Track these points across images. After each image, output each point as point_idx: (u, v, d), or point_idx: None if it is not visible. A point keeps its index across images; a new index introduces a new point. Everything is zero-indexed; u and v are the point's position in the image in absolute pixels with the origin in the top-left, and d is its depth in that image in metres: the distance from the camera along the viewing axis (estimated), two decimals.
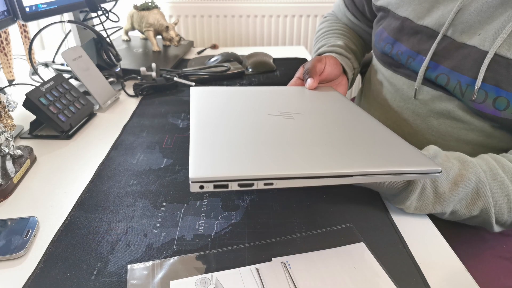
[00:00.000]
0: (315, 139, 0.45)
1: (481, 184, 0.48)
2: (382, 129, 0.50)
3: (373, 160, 0.41)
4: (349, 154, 0.42)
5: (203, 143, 0.43)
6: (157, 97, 0.88)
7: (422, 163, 0.41)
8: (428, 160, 0.42)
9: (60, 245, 0.45)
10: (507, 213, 0.50)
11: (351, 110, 0.57)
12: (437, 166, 0.41)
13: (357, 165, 0.40)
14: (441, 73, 0.59)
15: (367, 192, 0.54)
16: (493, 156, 0.52)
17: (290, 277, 0.40)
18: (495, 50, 0.53)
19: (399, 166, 0.40)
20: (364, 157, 0.42)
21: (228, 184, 0.36)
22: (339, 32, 0.85)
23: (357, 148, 0.44)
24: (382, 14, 0.73)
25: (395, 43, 0.67)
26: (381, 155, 0.43)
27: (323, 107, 0.57)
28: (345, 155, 0.42)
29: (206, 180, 0.36)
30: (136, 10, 1.15)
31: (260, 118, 0.51)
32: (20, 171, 0.57)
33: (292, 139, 0.45)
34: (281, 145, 0.43)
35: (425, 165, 0.41)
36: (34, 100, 0.66)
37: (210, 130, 0.46)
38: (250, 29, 1.85)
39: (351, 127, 0.50)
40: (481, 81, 0.54)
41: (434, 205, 0.49)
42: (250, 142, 0.43)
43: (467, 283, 0.41)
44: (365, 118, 0.54)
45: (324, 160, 0.40)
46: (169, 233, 0.47)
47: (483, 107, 0.55)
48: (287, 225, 0.48)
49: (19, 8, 0.78)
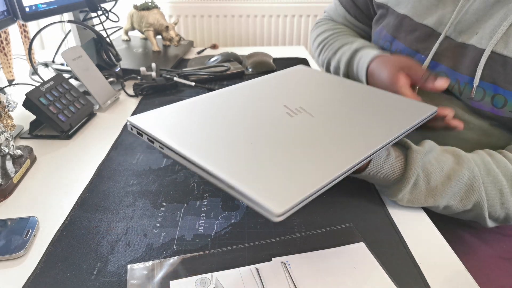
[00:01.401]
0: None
1: (475, 178, 0.48)
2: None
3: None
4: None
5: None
6: (157, 97, 0.88)
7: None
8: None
9: (60, 245, 0.45)
10: (499, 208, 0.50)
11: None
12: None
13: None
14: (440, 71, 0.59)
15: (367, 192, 0.54)
16: (489, 152, 0.53)
17: (290, 277, 0.40)
18: (492, 48, 0.53)
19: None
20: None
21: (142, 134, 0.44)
22: (348, 33, 0.83)
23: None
24: (382, 12, 0.73)
25: (394, 40, 0.67)
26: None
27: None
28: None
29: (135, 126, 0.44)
30: (136, 10, 1.15)
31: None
32: (20, 171, 0.57)
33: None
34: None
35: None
36: (34, 100, 0.66)
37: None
38: (250, 29, 1.85)
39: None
40: (479, 79, 0.54)
41: (426, 198, 0.49)
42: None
43: (467, 283, 0.41)
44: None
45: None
46: (169, 233, 0.47)
47: (481, 105, 0.55)
48: (287, 225, 0.48)
49: (19, 8, 0.78)
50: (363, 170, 0.49)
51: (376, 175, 0.50)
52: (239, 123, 0.46)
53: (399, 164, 0.49)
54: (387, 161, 0.49)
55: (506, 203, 0.50)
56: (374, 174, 0.49)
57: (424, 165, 0.48)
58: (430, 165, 0.48)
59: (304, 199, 0.34)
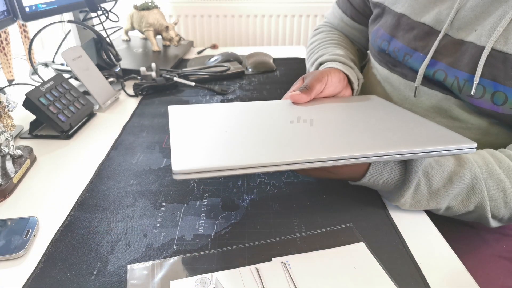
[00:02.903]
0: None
1: (476, 180, 0.48)
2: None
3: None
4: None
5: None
6: (157, 97, 0.88)
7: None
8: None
9: (60, 245, 0.45)
10: (503, 208, 0.50)
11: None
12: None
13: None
14: (439, 69, 0.59)
15: (367, 192, 0.54)
16: (490, 152, 0.53)
17: (290, 277, 0.40)
18: (492, 45, 0.53)
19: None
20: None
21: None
22: (336, 42, 0.81)
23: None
24: (378, 11, 0.73)
25: (391, 40, 0.67)
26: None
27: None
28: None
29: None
30: (136, 10, 1.15)
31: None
32: (20, 171, 0.57)
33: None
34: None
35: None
36: (34, 100, 0.66)
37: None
38: (250, 29, 1.85)
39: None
40: (479, 76, 0.54)
41: (429, 202, 0.49)
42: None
43: (467, 283, 0.41)
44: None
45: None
46: (169, 233, 0.47)
47: (481, 102, 0.55)
48: (287, 225, 0.48)
49: (19, 8, 0.78)
50: (361, 177, 0.49)
51: (376, 181, 0.49)
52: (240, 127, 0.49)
53: (399, 169, 0.49)
54: (386, 166, 0.48)
55: (510, 203, 0.50)
56: (374, 180, 0.49)
57: (425, 168, 0.48)
58: (430, 167, 0.48)
59: (205, 170, 0.38)
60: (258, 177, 0.57)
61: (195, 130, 0.48)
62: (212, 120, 0.51)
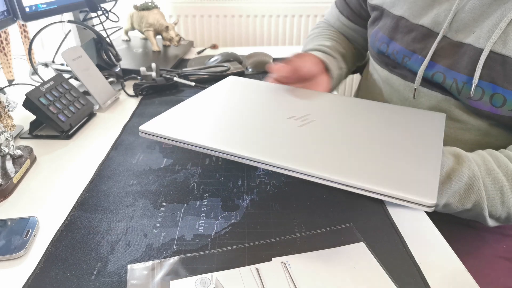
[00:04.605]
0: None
1: (475, 178, 0.48)
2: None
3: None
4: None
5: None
6: (157, 97, 0.88)
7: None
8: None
9: (60, 245, 0.45)
10: (500, 207, 0.50)
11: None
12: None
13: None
14: (437, 71, 0.59)
15: None
16: (490, 152, 0.53)
17: (290, 277, 0.40)
18: (490, 47, 0.53)
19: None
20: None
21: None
22: (328, 36, 0.84)
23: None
24: (376, 14, 0.73)
25: (390, 42, 0.67)
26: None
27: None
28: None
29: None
30: (136, 10, 1.15)
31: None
32: (20, 171, 0.57)
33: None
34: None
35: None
36: (34, 100, 0.66)
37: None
38: (250, 29, 1.85)
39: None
40: (478, 78, 0.54)
41: None
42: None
43: (467, 283, 0.41)
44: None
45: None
46: (169, 233, 0.47)
47: (480, 104, 0.55)
48: (287, 225, 0.48)
49: (19, 8, 0.78)
50: None
51: None
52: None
53: None
54: None
55: (507, 203, 0.50)
56: None
57: None
58: None
59: (163, 136, 0.47)
60: (258, 177, 0.57)
61: (195, 108, 0.55)
62: (218, 102, 0.58)
